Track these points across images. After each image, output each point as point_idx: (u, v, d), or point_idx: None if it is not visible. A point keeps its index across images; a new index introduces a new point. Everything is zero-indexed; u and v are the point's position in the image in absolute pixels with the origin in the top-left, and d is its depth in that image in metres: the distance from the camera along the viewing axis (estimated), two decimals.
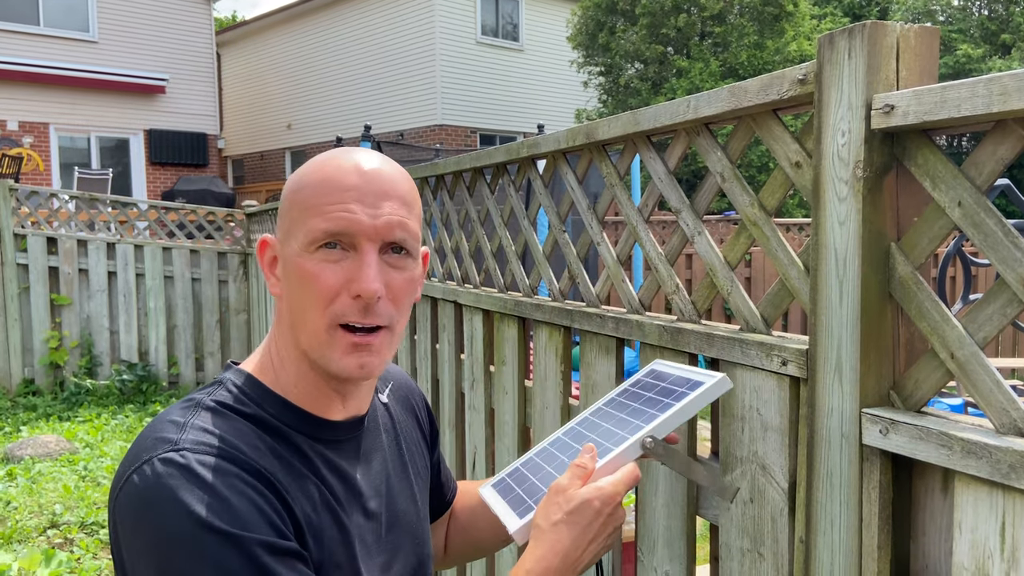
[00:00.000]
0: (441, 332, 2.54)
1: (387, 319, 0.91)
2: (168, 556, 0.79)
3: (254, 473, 0.85)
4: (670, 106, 1.29)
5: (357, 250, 0.89)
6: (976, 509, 0.82)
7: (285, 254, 0.93)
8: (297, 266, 0.90)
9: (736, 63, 14.14)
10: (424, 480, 1.17)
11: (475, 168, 2.18)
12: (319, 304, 0.89)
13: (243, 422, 0.91)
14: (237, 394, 0.93)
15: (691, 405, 1.02)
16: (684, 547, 1.33)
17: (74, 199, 7.32)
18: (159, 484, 0.81)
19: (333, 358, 0.90)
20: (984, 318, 0.84)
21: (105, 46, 14.99)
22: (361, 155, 0.93)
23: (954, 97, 0.83)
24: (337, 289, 0.88)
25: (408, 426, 1.17)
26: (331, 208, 0.88)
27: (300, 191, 0.92)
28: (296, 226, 0.91)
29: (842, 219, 0.96)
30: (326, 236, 0.88)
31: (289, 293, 0.92)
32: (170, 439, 0.85)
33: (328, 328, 0.89)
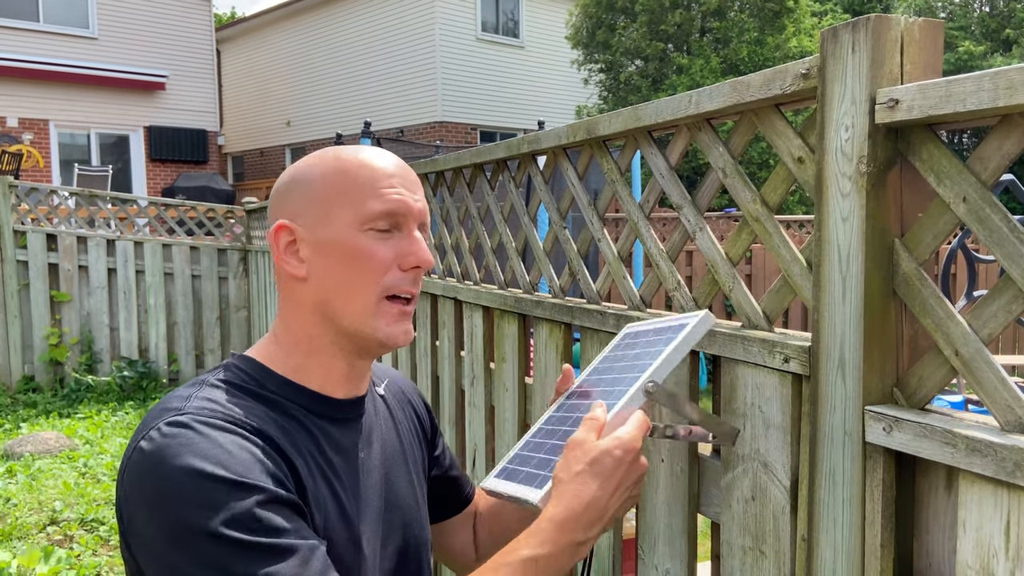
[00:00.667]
0: (441, 329, 2.53)
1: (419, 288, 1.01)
2: (174, 509, 0.81)
3: (257, 433, 0.89)
4: (672, 101, 1.28)
5: (401, 230, 0.98)
6: (981, 508, 0.81)
7: (322, 235, 0.96)
8: (348, 244, 0.95)
9: (737, 59, 14.12)
10: (421, 472, 1.18)
11: (475, 164, 2.18)
12: (373, 278, 0.96)
13: (247, 398, 0.94)
14: (240, 374, 0.98)
15: (683, 344, 1.01)
16: (685, 545, 1.33)
17: (74, 196, 7.32)
18: (164, 444, 0.84)
19: (380, 327, 0.97)
20: (989, 315, 0.83)
21: (105, 43, 14.97)
22: (374, 149, 1.01)
23: (959, 91, 0.82)
24: (390, 263, 0.96)
25: (404, 420, 1.19)
26: (386, 191, 0.96)
27: (343, 174, 0.97)
28: (340, 208, 0.96)
29: (845, 215, 0.96)
30: (383, 216, 0.96)
31: (327, 272, 0.97)
32: (174, 407, 0.89)
33: (378, 300, 0.96)
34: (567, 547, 0.88)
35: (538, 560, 0.86)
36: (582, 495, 0.90)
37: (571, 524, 0.89)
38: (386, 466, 1.07)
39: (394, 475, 1.08)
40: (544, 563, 0.86)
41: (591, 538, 0.90)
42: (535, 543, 0.87)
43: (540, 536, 0.88)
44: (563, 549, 0.87)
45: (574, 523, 0.89)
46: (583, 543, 0.89)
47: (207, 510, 0.80)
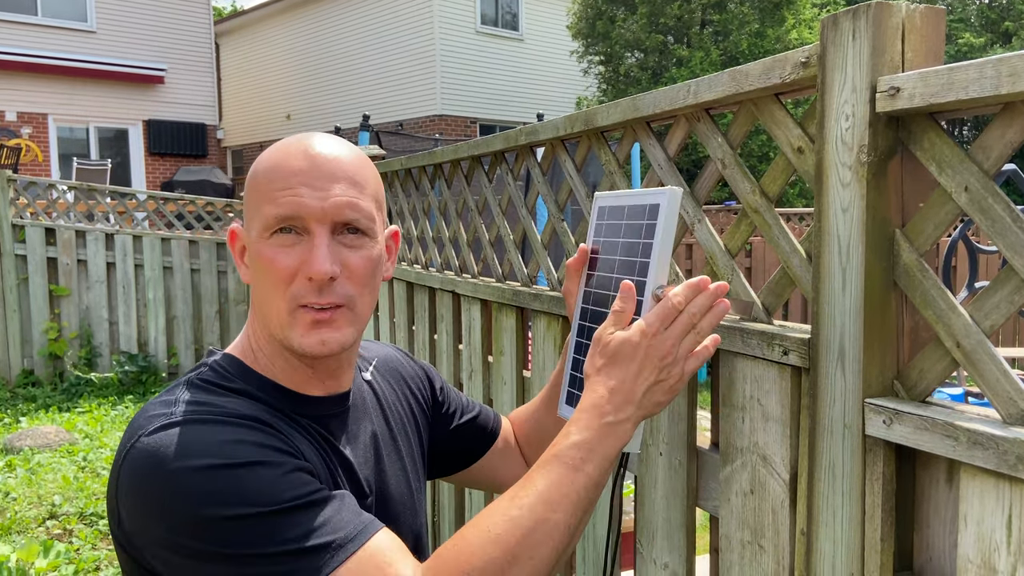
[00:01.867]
0: (439, 322, 2.52)
1: (344, 298, 0.93)
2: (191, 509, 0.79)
3: (253, 419, 0.88)
4: (670, 91, 1.27)
5: (310, 233, 0.91)
6: (982, 501, 0.80)
7: (248, 242, 0.96)
8: (256, 252, 0.93)
9: (737, 52, 14.08)
10: (416, 451, 1.18)
11: (473, 157, 2.16)
12: (278, 288, 0.92)
13: (232, 395, 0.93)
14: (221, 372, 0.96)
15: (667, 234, 0.97)
16: (683, 539, 1.32)
17: (72, 189, 7.29)
18: (157, 449, 0.82)
19: (294, 336, 0.93)
20: (991, 306, 0.82)
21: (103, 36, 14.93)
22: (311, 139, 0.95)
23: (961, 79, 0.80)
24: (293, 272, 0.91)
25: (396, 401, 1.18)
26: (280, 194, 0.91)
27: (254, 179, 0.95)
28: (253, 214, 0.94)
29: (845, 205, 0.94)
30: (278, 221, 0.91)
31: (255, 279, 0.96)
32: (162, 413, 0.87)
33: (290, 310, 0.92)
34: (601, 428, 0.88)
35: (583, 443, 0.87)
36: (606, 385, 0.90)
37: (601, 408, 0.89)
38: (376, 457, 1.07)
39: (385, 464, 1.08)
40: (586, 447, 0.87)
41: (624, 419, 0.89)
42: (576, 430, 0.88)
43: (579, 424, 0.89)
44: (598, 432, 0.88)
45: (603, 407, 0.89)
46: (616, 423, 0.89)
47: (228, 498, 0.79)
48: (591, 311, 1.08)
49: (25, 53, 13.85)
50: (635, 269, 1.00)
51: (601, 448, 0.88)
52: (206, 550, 0.79)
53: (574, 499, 0.85)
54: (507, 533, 0.81)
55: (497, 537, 0.81)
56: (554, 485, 0.85)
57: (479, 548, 0.81)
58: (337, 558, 0.80)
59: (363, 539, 0.83)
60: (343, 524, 0.83)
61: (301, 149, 0.93)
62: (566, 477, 0.85)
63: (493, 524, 0.83)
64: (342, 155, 0.95)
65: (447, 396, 1.28)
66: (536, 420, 1.29)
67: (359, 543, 0.82)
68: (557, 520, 0.83)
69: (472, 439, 1.28)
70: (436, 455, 1.25)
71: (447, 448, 1.26)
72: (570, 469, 0.86)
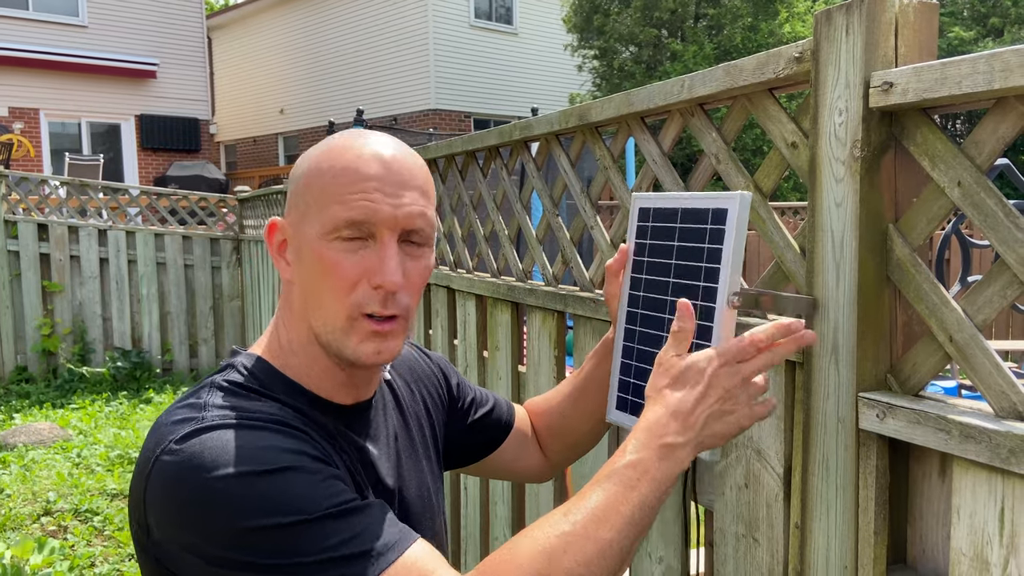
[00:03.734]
0: (434, 318, 2.52)
1: (404, 309, 0.92)
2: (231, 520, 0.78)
3: (285, 424, 0.86)
4: (664, 86, 1.27)
5: (376, 240, 0.89)
6: (975, 494, 0.81)
7: (300, 239, 0.92)
8: (316, 253, 0.90)
9: (730, 46, 14.08)
10: (433, 449, 1.17)
11: (467, 152, 2.16)
12: (339, 293, 0.89)
13: (257, 399, 0.91)
14: (248, 376, 0.94)
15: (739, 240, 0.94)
16: (678, 532, 1.33)
17: (65, 185, 7.27)
18: (193, 458, 0.80)
19: (349, 344, 0.91)
20: (983, 300, 0.83)
21: (95, 30, 14.85)
22: (380, 142, 0.93)
23: (955, 74, 0.81)
24: (357, 279, 0.89)
25: (413, 400, 1.17)
26: (353, 197, 0.88)
27: (319, 176, 0.91)
28: (313, 212, 0.90)
29: (839, 200, 0.95)
30: (348, 225, 0.88)
31: (304, 279, 0.92)
32: (192, 418, 0.85)
33: (349, 317, 0.90)
34: (659, 450, 0.86)
35: (636, 465, 0.85)
36: (667, 404, 0.88)
37: (659, 429, 0.87)
38: (397, 461, 1.06)
39: (405, 468, 1.07)
40: (642, 467, 0.85)
41: (683, 443, 0.87)
42: (632, 449, 0.87)
43: (635, 443, 0.87)
44: (656, 452, 0.86)
45: (662, 428, 0.87)
46: (674, 446, 0.87)
47: (265, 507, 0.78)
48: (641, 315, 1.06)
49: (16, 48, 13.77)
50: (701, 275, 0.97)
51: (656, 470, 0.85)
52: (244, 560, 0.77)
53: (627, 518, 0.83)
54: (557, 548, 0.80)
55: (546, 550, 0.80)
56: (607, 503, 0.83)
57: (527, 560, 0.80)
58: (376, 566, 0.79)
59: (403, 547, 0.81)
60: (381, 533, 0.81)
61: (373, 152, 0.91)
62: (620, 496, 0.83)
63: (544, 537, 0.81)
64: (413, 163, 0.93)
65: (463, 391, 1.27)
66: (560, 413, 1.28)
67: (399, 551, 0.81)
68: (609, 539, 0.81)
69: (488, 432, 1.27)
70: (452, 449, 1.25)
71: (463, 442, 1.26)
72: (624, 488, 0.84)
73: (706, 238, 0.97)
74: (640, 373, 1.06)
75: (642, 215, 1.09)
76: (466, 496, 2.37)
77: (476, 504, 2.28)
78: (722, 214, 0.95)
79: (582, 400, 1.23)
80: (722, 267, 0.94)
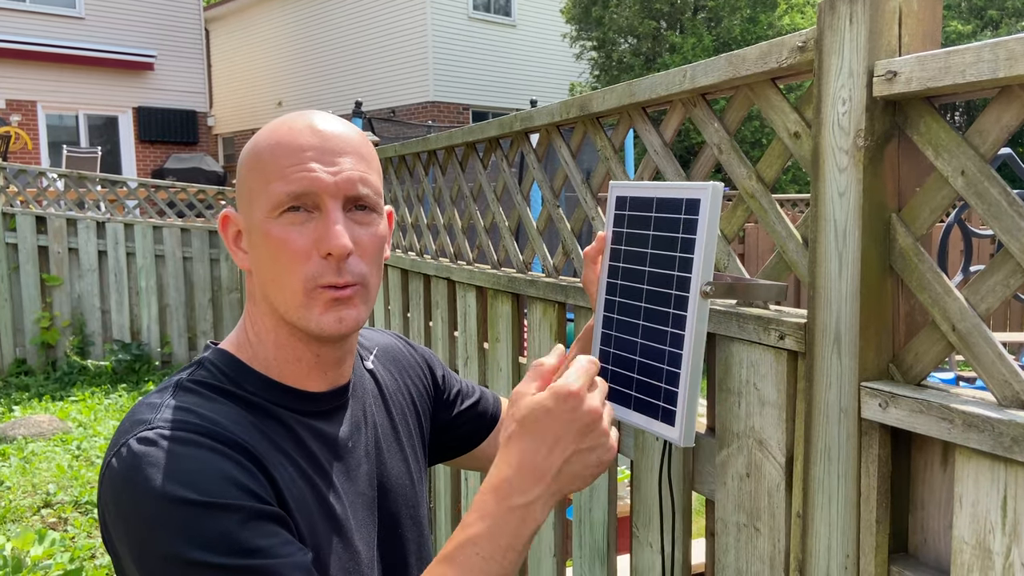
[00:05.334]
0: (434, 309, 2.52)
1: (359, 276, 0.91)
2: (147, 535, 0.78)
3: (230, 443, 0.84)
4: (666, 76, 1.27)
5: (321, 210, 0.89)
6: (977, 483, 0.81)
7: (250, 224, 0.92)
8: (265, 233, 0.89)
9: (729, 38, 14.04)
10: (418, 441, 1.16)
11: (467, 143, 2.16)
12: (293, 268, 0.89)
13: (223, 400, 0.90)
14: (216, 372, 0.93)
15: (712, 231, 0.96)
16: (680, 522, 1.33)
17: (63, 177, 7.25)
18: (132, 465, 0.81)
19: (312, 317, 0.90)
20: (987, 289, 0.83)
21: (92, 22, 14.80)
22: (314, 116, 0.93)
23: (959, 62, 0.81)
24: (307, 251, 0.88)
25: (397, 390, 1.16)
26: (291, 170, 0.88)
27: (256, 158, 0.91)
28: (257, 194, 0.90)
29: (842, 190, 0.95)
30: (289, 199, 0.88)
31: (260, 263, 0.92)
32: (145, 420, 0.85)
33: (306, 291, 0.89)
34: (506, 513, 0.81)
35: (480, 537, 0.80)
36: (510, 458, 0.84)
37: (505, 489, 0.82)
38: (377, 450, 1.05)
39: (386, 456, 1.06)
40: (488, 537, 0.80)
41: (533, 500, 0.81)
42: (474, 519, 0.82)
43: (479, 511, 0.82)
44: (503, 516, 0.81)
45: (508, 488, 0.82)
46: (525, 506, 0.81)
47: (180, 537, 0.77)
48: (619, 303, 1.07)
49: (13, 40, 13.72)
50: (675, 264, 0.99)
51: (505, 536, 0.80)
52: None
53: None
54: None
55: None
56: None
57: None
58: None
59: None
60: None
61: (306, 125, 0.91)
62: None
63: None
64: (347, 131, 0.93)
65: (448, 383, 1.27)
66: None
67: None
68: None
69: (473, 424, 1.27)
70: (438, 441, 1.24)
71: (448, 435, 1.25)
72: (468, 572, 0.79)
73: (680, 228, 0.99)
74: (618, 361, 1.07)
75: (619, 203, 1.10)
76: (467, 488, 2.38)
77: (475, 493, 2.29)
78: (695, 204, 0.97)
79: None
80: (695, 257, 0.96)
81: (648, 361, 1.02)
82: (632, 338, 1.05)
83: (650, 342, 1.02)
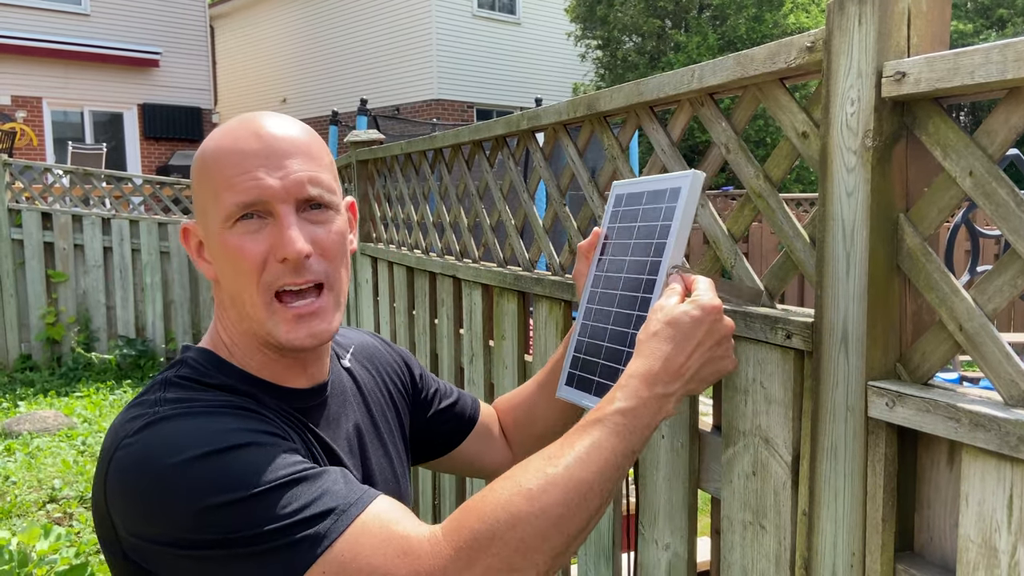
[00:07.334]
0: (440, 307, 2.52)
1: (322, 275, 0.91)
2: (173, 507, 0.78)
3: (239, 407, 0.86)
4: (674, 76, 1.27)
5: (274, 215, 0.89)
6: (984, 482, 0.82)
7: (209, 235, 0.92)
8: (220, 244, 0.89)
9: (735, 36, 14.02)
10: (398, 435, 1.17)
11: (474, 141, 2.16)
12: (250, 277, 0.89)
13: (212, 392, 0.91)
14: (201, 368, 0.93)
15: (687, 216, 1.00)
16: (685, 520, 1.33)
17: (68, 174, 7.27)
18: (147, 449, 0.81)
19: (279, 333, 0.90)
20: (994, 289, 0.83)
21: (97, 19, 14.82)
22: (258, 119, 0.92)
23: (967, 64, 0.81)
24: (263, 258, 0.88)
25: (376, 388, 1.17)
26: (239, 180, 0.88)
27: (204, 169, 0.91)
28: (211, 205, 0.90)
29: (850, 190, 0.95)
30: (240, 208, 0.88)
31: (222, 273, 0.92)
32: (143, 414, 0.85)
33: (266, 302, 0.89)
34: (650, 399, 0.87)
35: (628, 411, 0.86)
36: (658, 352, 0.90)
37: (651, 378, 0.88)
38: (361, 446, 1.06)
39: (369, 453, 1.07)
40: (634, 413, 0.86)
41: (672, 392, 0.89)
42: (622, 396, 0.87)
43: (626, 391, 0.88)
44: (647, 401, 0.87)
45: (653, 377, 0.88)
46: (665, 396, 0.89)
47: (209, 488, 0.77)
48: (600, 294, 1.10)
49: (19, 36, 13.74)
50: (651, 250, 1.02)
51: (646, 417, 0.87)
52: (212, 538, 0.77)
53: (613, 465, 0.83)
54: (540, 489, 0.78)
55: (528, 492, 0.78)
56: (595, 449, 0.82)
57: (506, 500, 0.78)
58: (341, 522, 0.78)
59: (365, 502, 0.81)
60: (344, 493, 0.81)
61: (250, 131, 0.90)
62: (607, 442, 0.83)
63: (526, 479, 0.79)
64: (292, 131, 0.92)
65: (426, 382, 1.27)
66: (529, 404, 1.29)
67: (361, 506, 0.80)
68: (593, 484, 0.81)
69: (451, 424, 1.27)
70: (416, 441, 1.25)
71: (426, 434, 1.26)
72: (612, 434, 0.84)
73: (661, 216, 1.02)
74: (590, 349, 1.09)
75: (616, 201, 1.16)
76: (471, 484, 2.38)
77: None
78: (676, 192, 1.01)
79: (549, 387, 1.24)
80: (668, 241, 0.99)
81: (614, 345, 1.06)
82: (604, 325, 1.08)
83: (618, 327, 1.06)
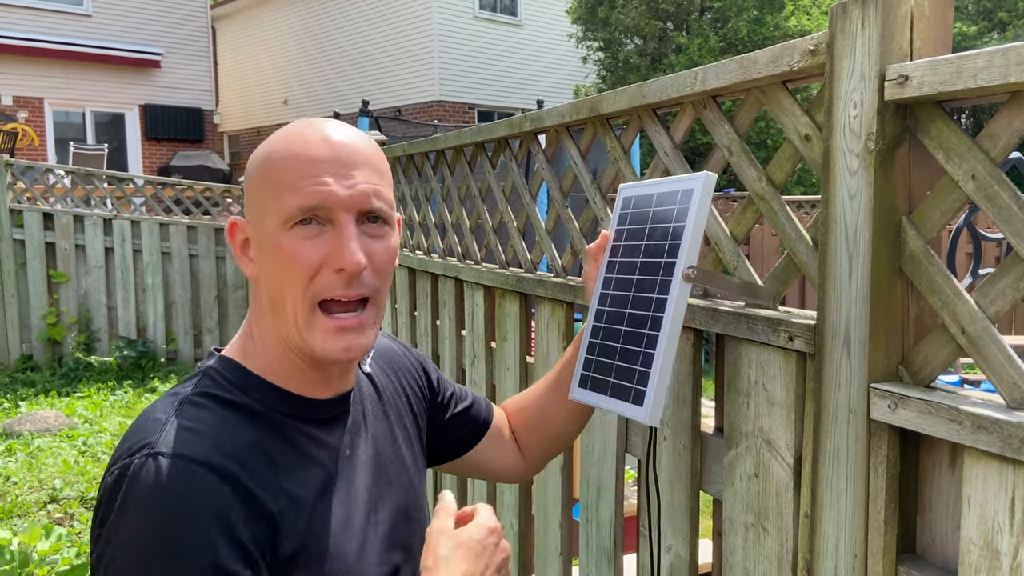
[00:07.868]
0: (442, 308, 2.53)
1: (371, 290, 0.91)
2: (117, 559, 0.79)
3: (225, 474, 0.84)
4: (677, 78, 1.27)
5: (334, 223, 0.88)
6: (986, 484, 0.82)
7: (260, 234, 0.91)
8: (275, 244, 0.88)
9: (736, 39, 14.03)
10: (415, 440, 1.17)
11: (476, 143, 2.17)
12: (299, 282, 0.88)
13: (227, 412, 0.89)
14: (221, 382, 0.92)
15: (700, 217, 1.00)
16: (687, 522, 1.34)
17: (70, 174, 7.27)
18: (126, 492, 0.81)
19: (315, 342, 0.89)
20: (996, 292, 0.83)
21: (99, 20, 14.83)
22: (327, 126, 0.92)
23: (970, 67, 0.81)
24: (318, 265, 0.87)
25: (395, 393, 1.17)
26: (304, 183, 0.87)
27: (270, 168, 0.90)
28: (269, 204, 0.89)
29: (853, 193, 0.95)
30: (301, 212, 0.87)
31: (267, 273, 0.91)
32: (149, 441, 0.84)
33: (309, 309, 0.89)
34: None
35: None
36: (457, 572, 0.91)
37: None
38: (377, 453, 1.06)
39: (385, 458, 1.07)
40: None
41: None
42: None
43: None
44: None
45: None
46: None
47: None
48: (611, 296, 1.11)
49: (21, 37, 13.75)
50: (664, 251, 1.03)
51: None
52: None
53: None
54: None
55: None
56: None
57: None
58: None
59: None
60: None
61: (320, 136, 0.89)
62: None
63: None
64: (361, 142, 0.92)
65: (442, 387, 1.27)
66: (539, 407, 1.30)
67: None
68: None
69: (466, 428, 1.28)
70: (431, 445, 1.25)
71: (442, 438, 1.26)
72: None
73: (673, 217, 1.03)
74: (604, 351, 1.10)
75: (624, 203, 1.16)
76: (473, 485, 2.39)
77: (483, 494, 2.30)
78: (688, 194, 1.02)
79: (559, 389, 1.24)
80: (682, 242, 1.00)
81: (628, 347, 1.06)
82: (617, 327, 1.09)
83: (632, 328, 1.06)
